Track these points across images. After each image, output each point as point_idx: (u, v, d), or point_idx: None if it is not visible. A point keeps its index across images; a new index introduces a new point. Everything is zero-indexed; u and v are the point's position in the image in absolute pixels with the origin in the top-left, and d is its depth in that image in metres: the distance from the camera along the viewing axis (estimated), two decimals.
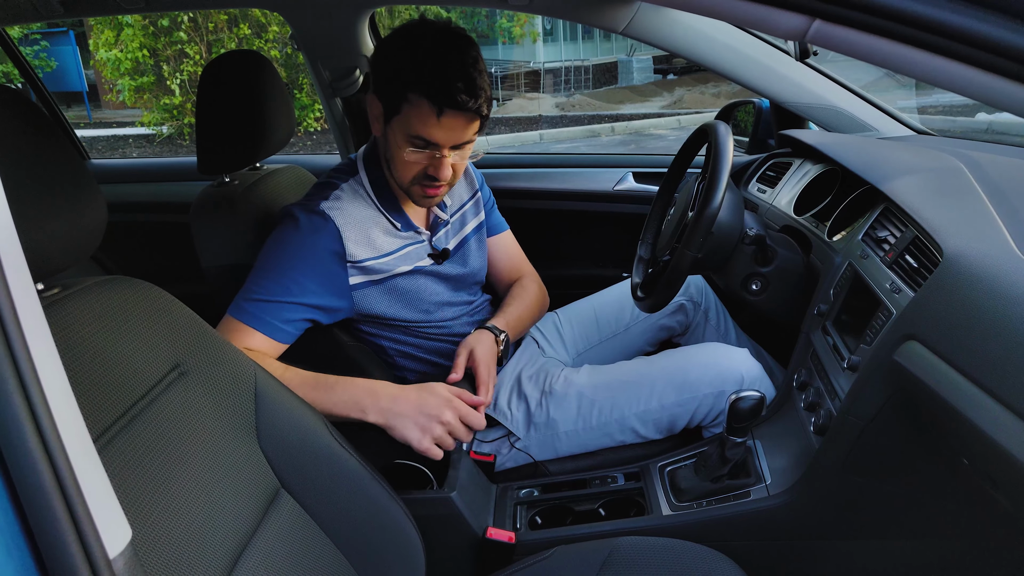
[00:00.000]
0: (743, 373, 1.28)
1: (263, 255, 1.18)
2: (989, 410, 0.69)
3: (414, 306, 1.29)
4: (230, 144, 1.26)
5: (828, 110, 1.64)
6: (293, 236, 1.17)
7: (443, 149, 1.13)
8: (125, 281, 0.81)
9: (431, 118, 1.09)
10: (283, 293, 1.14)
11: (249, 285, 1.16)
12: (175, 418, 0.77)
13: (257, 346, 1.14)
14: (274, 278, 1.15)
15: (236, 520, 0.79)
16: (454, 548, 1.14)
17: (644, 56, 14.45)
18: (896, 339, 0.88)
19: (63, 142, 0.71)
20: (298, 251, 1.16)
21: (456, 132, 1.12)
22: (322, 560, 0.90)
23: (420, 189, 1.19)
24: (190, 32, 8.67)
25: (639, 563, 0.97)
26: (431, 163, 1.15)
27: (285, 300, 1.14)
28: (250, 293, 1.15)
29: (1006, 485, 0.75)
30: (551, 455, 1.33)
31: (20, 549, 0.41)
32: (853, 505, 1.05)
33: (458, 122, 1.11)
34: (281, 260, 1.15)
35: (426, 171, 1.16)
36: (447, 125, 1.10)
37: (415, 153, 1.14)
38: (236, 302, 1.16)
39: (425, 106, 1.08)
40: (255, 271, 1.17)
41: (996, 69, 0.41)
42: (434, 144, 1.12)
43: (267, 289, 1.14)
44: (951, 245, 0.86)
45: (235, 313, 1.15)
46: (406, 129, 1.12)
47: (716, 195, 1.17)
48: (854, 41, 0.42)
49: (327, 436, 0.94)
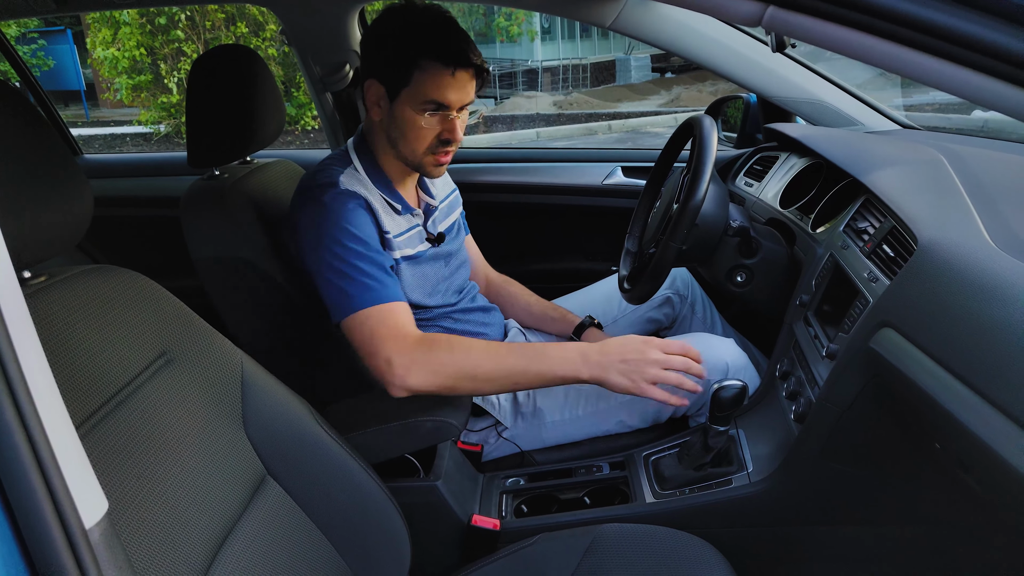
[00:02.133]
0: (728, 363, 1.30)
1: (316, 247, 1.15)
2: (959, 395, 0.71)
3: (420, 289, 1.30)
4: (220, 138, 1.27)
5: (814, 104, 1.65)
6: (333, 213, 1.15)
7: (454, 110, 1.18)
8: (111, 270, 0.82)
9: (445, 78, 1.14)
10: (365, 261, 1.15)
11: (332, 280, 1.14)
12: (161, 405, 0.79)
13: (404, 315, 1.15)
14: (348, 255, 1.14)
15: (222, 505, 0.81)
16: (440, 535, 1.15)
17: (642, 55, 14.46)
18: (872, 327, 0.89)
19: (50, 133, 0.73)
20: (346, 223, 1.15)
21: (465, 91, 1.17)
22: (307, 545, 0.91)
23: (433, 157, 1.22)
24: (187, 30, 8.67)
25: (621, 549, 0.99)
26: (445, 126, 1.19)
27: (373, 266, 1.15)
28: (349, 287, 1.14)
29: (976, 469, 0.76)
30: (538, 445, 1.35)
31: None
32: (831, 491, 1.06)
33: (467, 80, 1.16)
34: (339, 236, 1.14)
35: (439, 136, 1.20)
36: (459, 84, 1.15)
37: (431, 118, 1.18)
38: (346, 300, 1.14)
39: (438, 68, 1.13)
40: (324, 264, 1.15)
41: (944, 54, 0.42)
42: (445, 106, 1.16)
43: (351, 267, 1.14)
44: (925, 235, 0.87)
45: (356, 306, 1.13)
46: (420, 97, 1.15)
47: (700, 187, 1.18)
48: (808, 27, 0.44)
49: (313, 424, 0.95)
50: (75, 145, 2.42)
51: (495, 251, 1.67)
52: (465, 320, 1.38)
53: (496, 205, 1.99)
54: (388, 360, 1.10)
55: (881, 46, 0.42)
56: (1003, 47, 0.43)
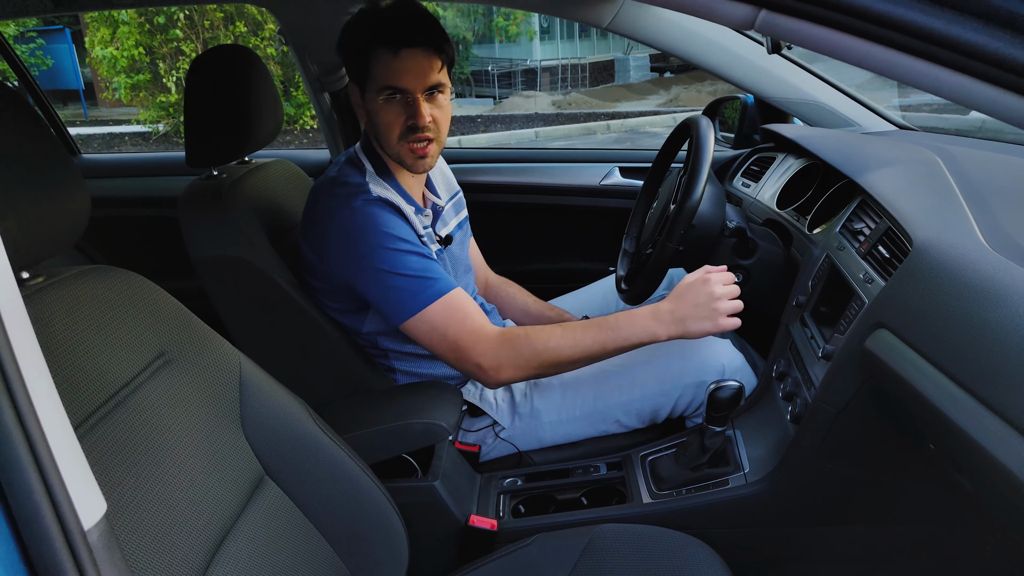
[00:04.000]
0: (724, 363, 1.30)
1: (366, 254, 1.16)
2: (952, 396, 0.71)
3: None
4: (218, 137, 1.28)
5: (811, 105, 1.66)
6: (372, 219, 1.16)
7: (414, 93, 1.16)
8: (109, 270, 0.83)
9: (392, 61, 1.14)
10: (414, 258, 1.16)
11: (388, 284, 1.15)
12: (159, 405, 0.79)
13: (470, 302, 1.18)
14: (397, 256, 1.15)
15: (220, 505, 0.81)
16: (437, 535, 1.16)
17: (641, 55, 14.46)
18: (867, 327, 0.90)
19: (47, 133, 0.73)
20: (385, 227, 1.16)
21: (421, 73, 1.15)
22: (305, 545, 0.91)
23: (408, 148, 1.20)
24: (186, 30, 8.66)
25: (618, 549, 0.99)
26: (407, 112, 1.17)
27: (430, 259, 1.18)
28: (402, 283, 1.15)
29: (969, 468, 0.76)
30: (535, 445, 1.35)
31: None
32: (827, 491, 1.07)
33: (418, 60, 1.14)
34: (384, 242, 1.15)
35: (406, 124, 1.18)
36: (409, 66, 1.14)
37: (392, 105, 1.17)
38: (408, 300, 1.15)
39: (384, 52, 1.14)
40: (377, 270, 1.15)
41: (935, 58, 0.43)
42: (403, 90, 1.16)
43: (404, 266, 1.15)
44: (920, 236, 0.87)
45: (420, 304, 1.15)
46: (376, 84, 1.16)
47: (696, 188, 1.19)
48: (801, 31, 0.44)
49: (311, 424, 0.95)
50: (73, 145, 2.42)
51: (492, 251, 1.68)
52: None
53: (494, 205, 1.99)
54: (478, 365, 1.16)
55: (874, 50, 0.43)
56: (996, 53, 0.44)
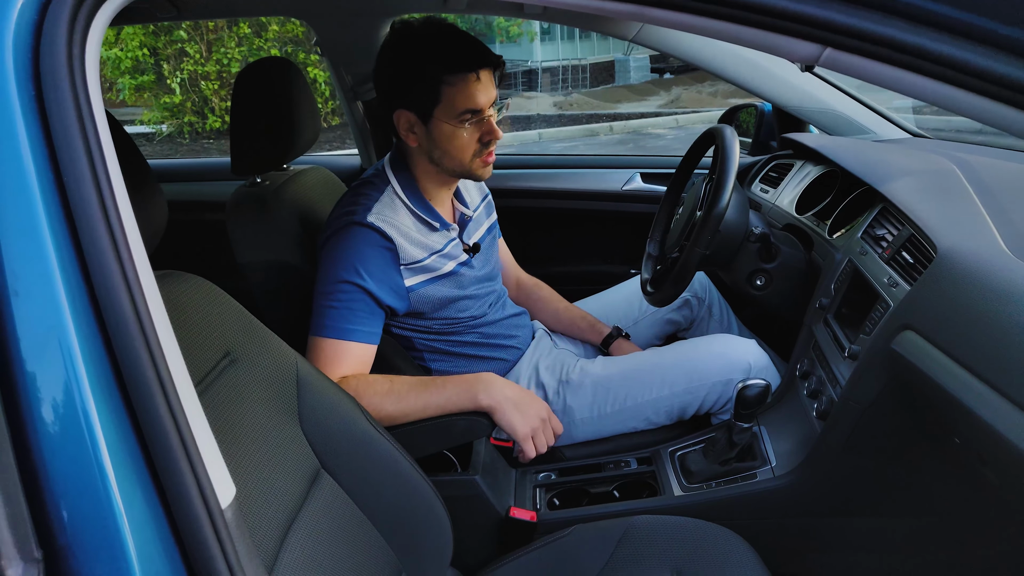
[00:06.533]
0: (751, 362, 1.35)
1: (325, 273, 1.22)
2: (978, 392, 0.76)
3: (455, 305, 1.35)
4: (262, 146, 1.33)
5: (827, 113, 1.71)
6: (348, 248, 1.21)
7: (487, 110, 1.23)
8: (180, 275, 0.87)
9: (473, 85, 1.19)
10: (356, 300, 1.21)
11: (321, 303, 1.21)
12: (228, 402, 0.84)
13: (355, 355, 1.20)
14: (344, 289, 1.20)
15: (285, 496, 0.86)
16: (479, 527, 1.21)
17: (641, 55, 14.50)
18: (894, 329, 0.95)
19: (130, 145, 0.78)
20: (357, 261, 1.21)
21: (490, 88, 1.23)
22: (359, 536, 0.96)
23: (480, 161, 1.27)
24: (190, 31, 8.70)
25: (653, 539, 1.04)
26: (484, 129, 1.24)
27: (360, 306, 1.21)
28: (326, 311, 1.20)
29: (993, 461, 0.82)
30: (567, 441, 1.40)
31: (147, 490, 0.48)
32: (852, 484, 1.12)
33: (489, 77, 1.22)
34: (342, 272, 1.20)
35: (481, 140, 1.25)
36: (484, 86, 1.21)
37: (470, 127, 1.23)
38: (317, 323, 1.21)
39: (464, 76, 1.18)
40: (322, 290, 1.22)
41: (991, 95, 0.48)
42: (479, 111, 1.22)
43: (340, 300, 1.20)
44: (944, 243, 0.93)
45: (321, 333, 1.20)
46: (454, 110, 1.20)
47: (724, 195, 1.24)
48: (861, 67, 0.49)
49: (364, 422, 1.00)
50: None
51: (517, 254, 1.73)
52: (497, 326, 1.43)
53: (518, 210, 2.04)
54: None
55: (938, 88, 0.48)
56: None
